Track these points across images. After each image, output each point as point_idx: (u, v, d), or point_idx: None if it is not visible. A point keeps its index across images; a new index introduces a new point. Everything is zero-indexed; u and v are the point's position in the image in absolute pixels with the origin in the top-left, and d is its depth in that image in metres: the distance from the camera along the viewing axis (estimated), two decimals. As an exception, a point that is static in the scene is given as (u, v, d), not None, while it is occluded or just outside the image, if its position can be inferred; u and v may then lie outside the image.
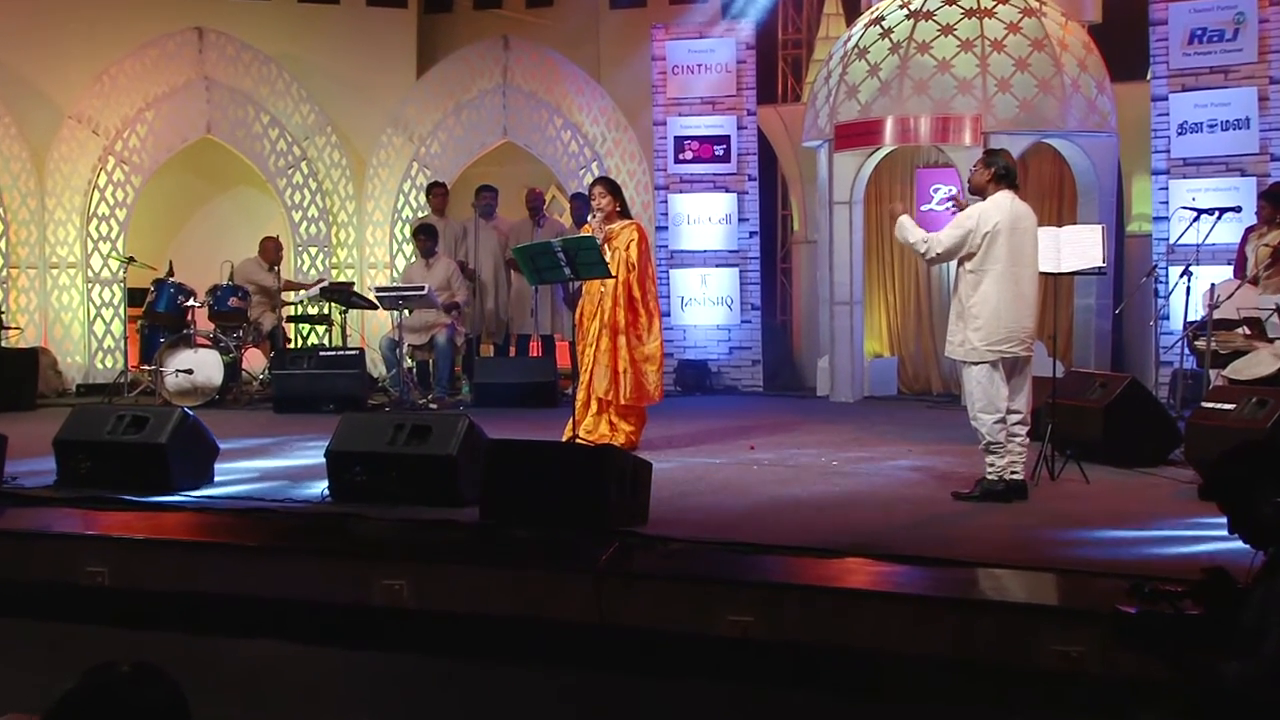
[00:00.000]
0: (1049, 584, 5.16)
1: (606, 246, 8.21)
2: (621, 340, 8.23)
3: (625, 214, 8.49)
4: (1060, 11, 11.19)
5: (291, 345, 12.18)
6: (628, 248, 8.25)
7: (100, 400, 10.81)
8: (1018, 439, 6.78)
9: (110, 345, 12.64)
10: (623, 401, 8.25)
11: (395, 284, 12.08)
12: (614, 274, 8.07)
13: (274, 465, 7.97)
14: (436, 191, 12.39)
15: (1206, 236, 8.94)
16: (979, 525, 6.19)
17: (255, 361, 12.17)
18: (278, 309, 12.03)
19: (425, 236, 11.61)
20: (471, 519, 6.13)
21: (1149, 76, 11.12)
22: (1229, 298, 8.24)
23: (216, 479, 7.22)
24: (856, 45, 11.36)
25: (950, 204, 7.02)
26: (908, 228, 6.90)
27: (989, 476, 6.75)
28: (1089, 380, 8.21)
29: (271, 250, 12.09)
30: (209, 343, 11.23)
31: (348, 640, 5.50)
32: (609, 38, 14.08)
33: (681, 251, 12.69)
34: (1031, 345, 6.79)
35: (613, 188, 8.48)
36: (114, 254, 12.51)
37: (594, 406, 8.32)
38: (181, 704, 2.24)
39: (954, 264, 6.92)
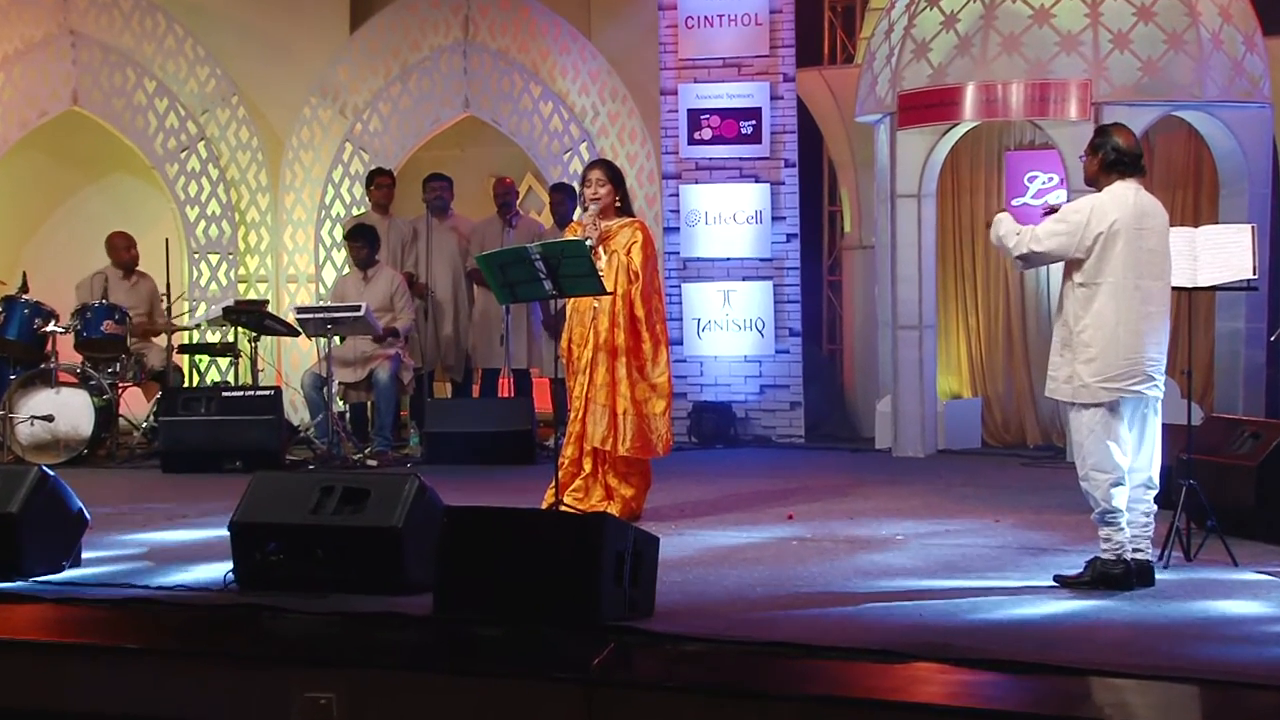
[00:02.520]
0: (1186, 698, 5.14)
1: (601, 250, 8.25)
2: (622, 369, 8.25)
3: (626, 210, 8.51)
4: (1194, -55, 11.25)
5: (186, 383, 12.19)
6: (628, 251, 8.28)
7: (-68, 456, 10.83)
8: (1142, 507, 6.78)
9: (-55, 383, 12.65)
10: (621, 451, 8.26)
11: (322, 303, 12.08)
12: (610, 289, 8.09)
13: (161, 541, 7.95)
14: (378, 181, 12.42)
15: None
16: (1091, 619, 6.18)
17: (137, 405, 12.17)
18: (169, 335, 12.01)
19: (362, 241, 11.63)
20: (423, 611, 6.12)
21: (1313, 29, 11.18)
22: None
23: (84, 560, 7.21)
24: (927, -11, 11.42)
25: (1045, 210, 7.05)
26: (1004, 223, 6.96)
27: (1104, 555, 6.74)
28: (1236, 429, 8.20)
29: (121, 249, 12.06)
30: (75, 380, 11.23)
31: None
32: (602, -20, 14.15)
33: (697, 260, 12.72)
34: (1161, 383, 6.79)
35: (615, 175, 8.52)
36: (-49, 263, 12.53)
37: (587, 465, 8.33)
38: None
39: (1058, 275, 6.92)
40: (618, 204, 8.45)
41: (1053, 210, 6.98)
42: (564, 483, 8.24)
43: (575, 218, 8.68)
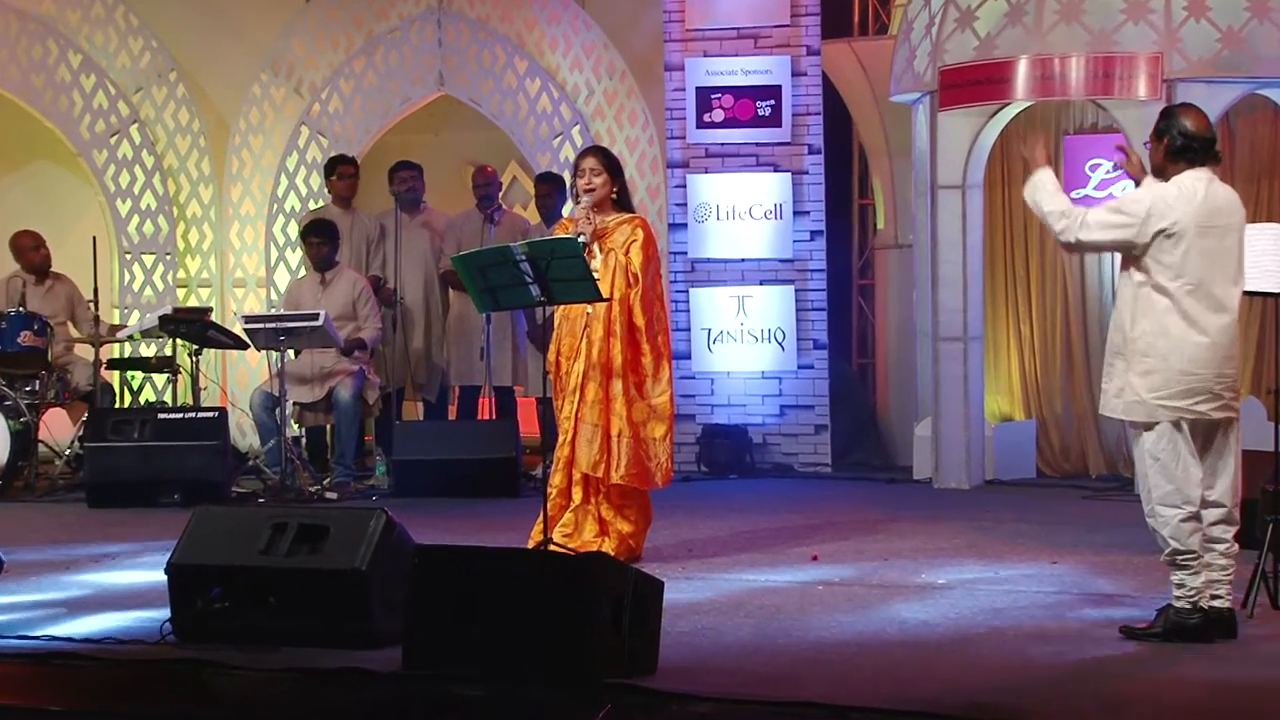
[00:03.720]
0: (1271, 767, 5.15)
1: (595, 249, 8.26)
2: (618, 387, 8.26)
3: (624, 204, 8.54)
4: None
5: (116, 404, 12.19)
6: (627, 250, 8.30)
7: None
8: (1220, 547, 6.76)
9: None
10: (615, 478, 8.27)
11: (275, 311, 12.09)
12: (606, 295, 8.10)
13: (87, 587, 7.95)
14: (340, 170, 12.42)
15: None
16: (1163, 677, 6.18)
17: (60, 429, 12.18)
18: (96, 347, 12.02)
19: (320, 238, 11.65)
20: (391, 667, 6.12)
21: None
22: None
23: None
24: (972, -51, 11.45)
25: (1118, 158, 7.05)
26: (1044, 188, 6.84)
27: (1178, 604, 6.73)
28: (1330, 456, 8.20)
29: (28, 250, 12.07)
30: (-11, 400, 11.26)
31: None
32: (598, -62, 14.18)
33: (707, 261, 12.74)
34: (1237, 402, 6.78)
35: (611, 163, 8.55)
36: None
37: (576, 495, 8.34)
38: None
39: (1116, 266, 6.91)
40: (615, 197, 8.46)
41: (1123, 153, 6.98)
42: (553, 517, 8.24)
43: (566, 213, 8.68)
